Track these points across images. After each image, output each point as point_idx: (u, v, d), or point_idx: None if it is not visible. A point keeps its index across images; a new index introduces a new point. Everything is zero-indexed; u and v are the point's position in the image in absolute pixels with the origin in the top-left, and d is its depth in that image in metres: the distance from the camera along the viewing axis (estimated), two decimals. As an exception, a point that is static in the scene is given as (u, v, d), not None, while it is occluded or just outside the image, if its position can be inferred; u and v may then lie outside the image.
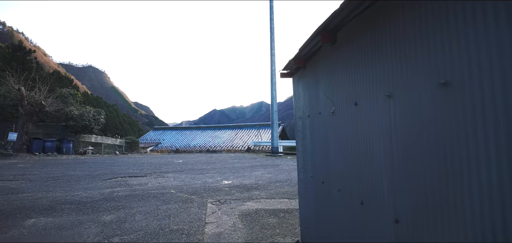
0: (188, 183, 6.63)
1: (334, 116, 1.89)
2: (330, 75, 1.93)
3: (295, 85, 2.94)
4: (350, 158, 1.69)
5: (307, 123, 2.54)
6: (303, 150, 2.69)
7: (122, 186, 6.24)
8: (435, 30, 0.97)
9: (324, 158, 2.12)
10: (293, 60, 2.58)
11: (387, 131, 1.29)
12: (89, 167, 9.70)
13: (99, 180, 7.01)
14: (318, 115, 2.23)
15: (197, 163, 11.39)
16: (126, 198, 5.16)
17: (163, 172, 8.50)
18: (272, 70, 16.06)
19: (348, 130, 1.68)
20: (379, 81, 1.34)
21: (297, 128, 2.86)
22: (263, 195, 5.56)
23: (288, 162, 11.48)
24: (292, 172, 8.59)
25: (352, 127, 1.63)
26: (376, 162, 1.40)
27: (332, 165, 1.95)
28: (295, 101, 2.91)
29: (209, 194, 5.55)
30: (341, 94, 1.76)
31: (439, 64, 0.95)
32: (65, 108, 15.31)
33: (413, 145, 1.11)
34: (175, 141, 28.79)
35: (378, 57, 1.35)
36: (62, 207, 4.47)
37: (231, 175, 7.89)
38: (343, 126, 1.75)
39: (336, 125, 1.86)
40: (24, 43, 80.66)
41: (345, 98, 1.71)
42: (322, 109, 2.13)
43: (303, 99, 2.65)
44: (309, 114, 2.48)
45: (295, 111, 2.95)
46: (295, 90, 2.92)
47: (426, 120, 1.02)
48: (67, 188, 5.93)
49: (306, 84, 2.53)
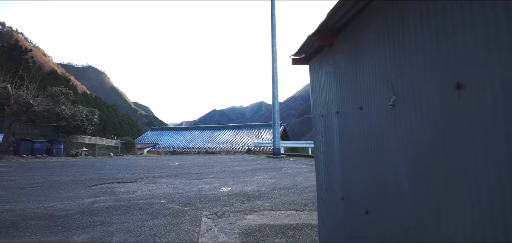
0: (182, 191, 5.90)
1: (394, 111, 1.16)
2: (391, 46, 1.20)
3: (313, 72, 2.22)
4: (436, 177, 0.97)
5: (334, 123, 1.83)
6: (327, 159, 1.97)
7: (106, 195, 5.51)
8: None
9: (370, 175, 1.40)
10: (314, 36, 1.85)
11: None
12: (76, 171, 8.96)
13: (82, 186, 6.28)
14: (357, 112, 1.51)
15: (194, 166, 10.67)
16: (107, 210, 4.43)
17: (156, 177, 7.78)
18: (273, 68, 15.35)
19: (436, 134, 0.96)
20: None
21: (317, 129, 2.15)
22: (266, 205, 4.84)
23: (291, 165, 10.76)
24: (297, 176, 7.88)
25: (447, 129, 0.91)
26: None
27: (390, 189, 1.23)
28: (314, 94, 2.20)
29: (204, 205, 4.83)
30: (421, 74, 1.03)
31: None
32: (56, 107, 14.54)
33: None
34: (173, 142, 28.06)
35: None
36: (28, 224, 3.74)
37: (230, 181, 7.17)
38: (420, 127, 1.03)
39: (403, 125, 1.13)
40: (24, 44, 79.98)
41: (429, 81, 0.99)
42: (366, 102, 1.41)
43: (327, 90, 1.93)
44: (338, 111, 1.77)
45: (313, 107, 2.23)
46: (314, 79, 2.20)
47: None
48: (43, 198, 5.20)
49: (334, 69, 1.81)
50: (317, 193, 2.34)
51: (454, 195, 0.85)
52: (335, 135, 1.78)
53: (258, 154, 17.60)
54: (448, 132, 0.89)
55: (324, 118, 1.97)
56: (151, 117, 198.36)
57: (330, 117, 1.87)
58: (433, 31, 0.94)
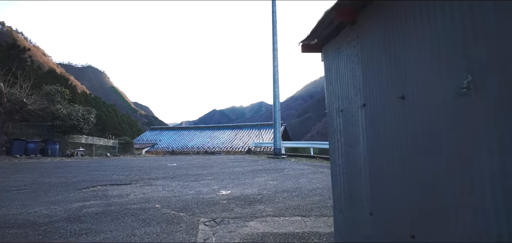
0: (178, 194, 5.54)
1: (467, 97, 0.80)
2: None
3: (329, 59, 1.86)
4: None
5: (359, 119, 1.47)
6: (348, 163, 1.61)
7: (97, 198, 5.15)
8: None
9: (419, 187, 1.03)
10: (333, 11, 1.48)
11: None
12: (69, 172, 8.60)
13: (73, 189, 5.92)
14: (395, 103, 1.15)
15: (192, 166, 10.31)
16: (96, 216, 4.07)
17: (152, 178, 7.41)
18: (274, 66, 15.00)
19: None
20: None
21: (334, 126, 1.79)
22: (269, 210, 4.48)
23: (293, 165, 10.40)
24: (299, 178, 7.52)
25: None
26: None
27: (458, 211, 0.86)
28: (329, 85, 1.84)
29: (202, 210, 4.46)
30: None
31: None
32: (51, 106, 14.15)
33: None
34: (172, 142, 27.68)
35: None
36: (5, 233, 3.38)
37: (230, 183, 6.80)
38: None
39: (482, 116, 0.76)
40: (23, 43, 79.63)
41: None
42: (412, 89, 1.04)
43: (349, 79, 1.57)
44: (364, 103, 1.41)
45: (328, 102, 1.87)
46: (330, 67, 1.84)
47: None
48: (28, 202, 4.83)
49: (359, 52, 1.45)
50: (333, 202, 1.98)
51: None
52: (360, 133, 1.43)
53: (258, 154, 17.24)
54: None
55: (344, 114, 1.62)
56: (151, 117, 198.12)
57: (352, 112, 1.51)
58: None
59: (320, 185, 6.46)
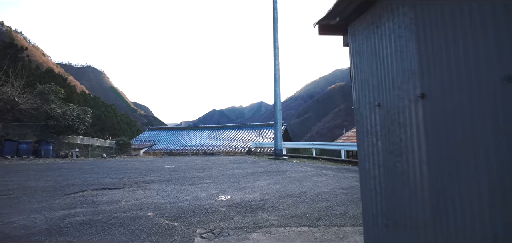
0: (174, 200, 5.11)
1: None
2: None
3: (359, 39, 1.44)
4: None
5: (412, 116, 1.05)
6: (390, 177, 1.19)
7: (85, 205, 4.71)
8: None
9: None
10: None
11: None
12: (60, 174, 8.16)
13: (60, 195, 5.48)
14: (492, 89, 0.72)
15: (190, 168, 9.88)
16: (80, 227, 3.63)
17: (147, 182, 6.98)
18: (275, 65, 14.58)
19: None
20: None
21: (366, 127, 1.37)
22: (273, 219, 4.06)
23: (295, 167, 9.99)
24: (303, 181, 7.10)
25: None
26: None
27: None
28: (359, 72, 1.42)
29: (199, 219, 4.04)
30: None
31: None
32: (45, 106, 13.67)
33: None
34: (171, 142, 27.25)
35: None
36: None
37: (230, 187, 6.38)
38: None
39: None
40: (23, 43, 79.38)
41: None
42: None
43: (394, 63, 1.14)
44: (422, 93, 0.98)
45: (358, 94, 1.45)
46: (361, 49, 1.42)
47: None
48: (7, 210, 4.40)
49: (411, 23, 1.02)
50: (364, 224, 1.56)
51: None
52: (414, 137, 1.02)
53: (259, 155, 16.82)
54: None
55: (385, 110, 1.20)
56: (151, 118, 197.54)
57: (400, 106, 1.10)
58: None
59: (326, 189, 6.04)
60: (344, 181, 7.08)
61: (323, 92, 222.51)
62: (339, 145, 14.18)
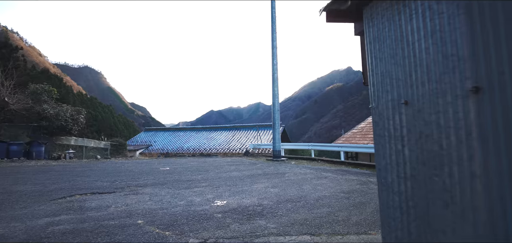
0: (167, 205, 4.83)
1: None
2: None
3: (379, 23, 1.20)
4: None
5: (458, 117, 0.79)
6: (423, 194, 0.94)
7: (71, 212, 4.42)
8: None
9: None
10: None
11: None
12: (50, 178, 7.83)
13: (46, 200, 5.18)
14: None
15: (186, 170, 9.59)
16: (62, 237, 3.35)
17: (140, 185, 6.69)
18: (273, 65, 14.33)
19: None
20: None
21: (388, 130, 1.14)
22: (272, 227, 3.80)
23: (294, 169, 9.74)
24: (303, 184, 6.85)
25: None
26: None
27: None
28: (378, 64, 1.18)
29: (192, 227, 3.77)
30: None
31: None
32: (37, 106, 13.28)
33: None
34: (167, 143, 26.90)
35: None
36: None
37: (226, 190, 6.11)
38: None
39: None
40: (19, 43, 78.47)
41: None
42: None
43: (428, 49, 0.88)
44: (476, 87, 0.72)
45: (376, 90, 1.22)
46: (379, 35, 1.18)
47: None
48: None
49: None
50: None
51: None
52: (463, 144, 0.76)
53: (257, 157, 16.55)
54: None
55: (414, 109, 0.94)
56: (148, 118, 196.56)
57: (439, 104, 0.84)
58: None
59: (327, 193, 5.79)
60: (344, 184, 6.84)
61: (321, 93, 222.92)
62: (338, 146, 13.96)
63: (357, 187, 6.43)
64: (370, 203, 5.03)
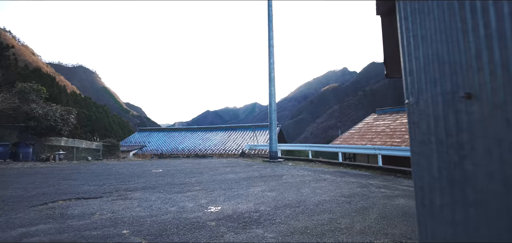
0: (156, 212, 4.48)
1: None
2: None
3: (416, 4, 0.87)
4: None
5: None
6: (496, 223, 0.62)
7: (51, 220, 4.05)
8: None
9: None
10: None
11: None
12: (33, 181, 7.40)
13: (25, 207, 4.79)
14: None
15: (179, 172, 9.23)
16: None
17: (129, 189, 6.32)
18: (270, 64, 14.04)
19: None
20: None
21: (435, 134, 0.84)
22: (270, 237, 3.49)
23: (291, 171, 9.45)
24: (301, 187, 6.56)
25: None
26: None
27: None
28: (420, 45, 0.86)
29: (183, 238, 3.43)
30: None
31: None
32: (24, 106, 12.75)
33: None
34: (162, 144, 26.41)
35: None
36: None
37: (221, 194, 5.78)
38: None
39: None
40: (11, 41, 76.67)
41: None
42: None
43: (503, 21, 0.58)
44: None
45: (414, 80, 0.90)
46: (420, 8, 0.85)
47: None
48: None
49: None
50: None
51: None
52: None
53: (253, 158, 16.23)
54: None
55: (484, 106, 0.64)
56: (144, 118, 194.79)
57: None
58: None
59: (327, 197, 5.50)
60: (344, 187, 6.57)
61: (316, 93, 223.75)
62: (336, 147, 13.72)
63: (358, 190, 6.16)
64: (373, 208, 4.76)
